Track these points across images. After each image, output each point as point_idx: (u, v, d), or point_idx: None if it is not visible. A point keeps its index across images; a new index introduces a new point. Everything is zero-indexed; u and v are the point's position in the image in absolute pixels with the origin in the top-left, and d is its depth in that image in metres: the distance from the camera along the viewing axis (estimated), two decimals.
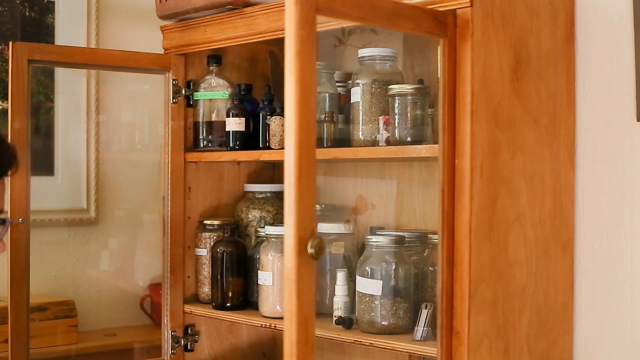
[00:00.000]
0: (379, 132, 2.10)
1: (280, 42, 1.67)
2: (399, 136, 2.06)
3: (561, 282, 2.07)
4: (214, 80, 2.54)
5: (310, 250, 1.49)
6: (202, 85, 2.54)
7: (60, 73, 2.87)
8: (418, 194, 2.35)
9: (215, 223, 2.52)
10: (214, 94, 2.53)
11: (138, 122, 3.08)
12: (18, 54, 2.28)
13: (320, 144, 2.19)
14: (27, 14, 2.80)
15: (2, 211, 1.85)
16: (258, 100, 2.51)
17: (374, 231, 2.27)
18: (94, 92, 2.92)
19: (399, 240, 2.09)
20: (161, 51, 2.56)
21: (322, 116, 2.23)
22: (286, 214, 1.49)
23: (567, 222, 2.08)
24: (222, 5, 2.35)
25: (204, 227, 2.54)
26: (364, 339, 2.05)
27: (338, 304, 2.16)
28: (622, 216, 2.02)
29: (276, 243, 2.30)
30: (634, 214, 2.00)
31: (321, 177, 2.56)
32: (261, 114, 2.40)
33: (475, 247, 1.85)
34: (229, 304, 2.42)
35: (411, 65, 2.36)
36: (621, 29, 2.00)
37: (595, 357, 2.07)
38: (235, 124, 2.43)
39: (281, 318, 2.16)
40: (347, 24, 2.22)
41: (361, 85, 2.15)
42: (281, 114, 2.33)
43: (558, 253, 2.06)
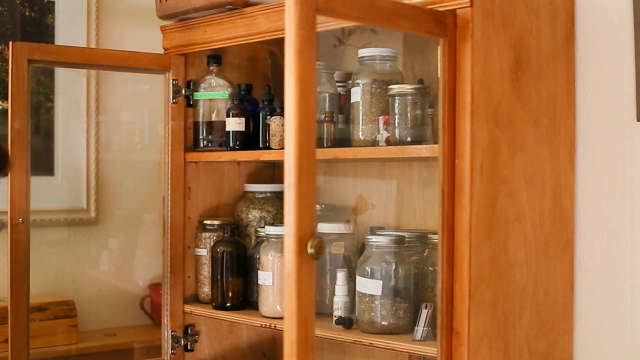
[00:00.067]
0: (379, 132, 2.10)
1: (280, 42, 1.67)
2: (399, 136, 2.06)
3: (561, 282, 2.07)
4: (214, 80, 2.54)
5: (310, 250, 1.49)
6: (202, 85, 2.54)
7: (60, 73, 2.87)
8: (418, 194, 2.35)
9: (215, 223, 2.52)
10: (214, 94, 2.53)
11: (138, 122, 3.07)
12: (18, 54, 2.28)
13: (320, 144, 2.19)
14: (27, 14, 2.80)
15: None
16: (258, 100, 2.51)
17: (374, 231, 2.27)
18: (94, 92, 2.92)
19: (399, 240, 2.09)
20: (161, 51, 2.56)
21: (322, 116, 2.23)
22: (286, 214, 1.49)
23: (567, 222, 2.08)
24: (222, 5, 2.35)
25: (204, 227, 2.54)
26: (364, 339, 2.05)
27: (338, 304, 2.16)
28: (622, 216, 2.02)
29: (276, 243, 2.30)
30: (634, 214, 2.00)
31: (321, 177, 2.56)
32: (261, 114, 2.40)
33: (475, 247, 1.85)
34: (229, 304, 2.42)
35: (411, 65, 2.36)
36: (621, 29, 2.00)
37: (595, 357, 2.07)
38: (235, 124, 2.43)
39: (281, 318, 2.16)
40: (347, 24, 2.22)
41: (361, 85, 2.15)
42: (281, 114, 2.33)
43: (558, 253, 2.06)
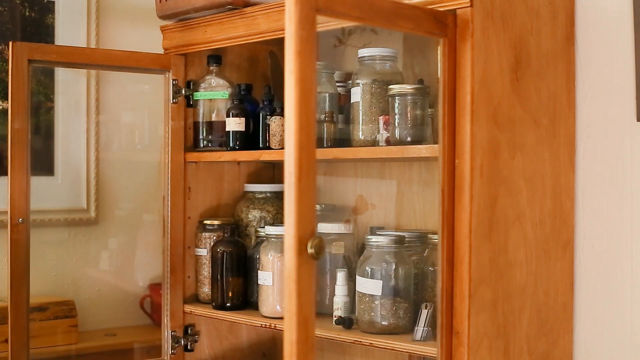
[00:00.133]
0: (379, 132, 2.10)
1: (280, 42, 1.67)
2: (399, 136, 2.06)
3: (561, 282, 2.07)
4: (214, 80, 2.54)
5: (310, 250, 1.49)
6: (202, 85, 2.54)
7: (60, 73, 2.87)
8: (418, 194, 2.35)
9: (215, 223, 2.52)
10: (214, 94, 2.53)
11: (138, 122, 3.07)
12: (18, 54, 2.28)
13: (320, 144, 2.19)
14: (27, 14, 2.80)
15: None
16: (258, 100, 2.51)
17: (374, 231, 2.27)
18: (94, 92, 2.92)
19: (399, 240, 2.09)
20: (161, 51, 2.56)
21: (322, 116, 2.23)
22: (286, 214, 1.49)
23: (567, 222, 2.08)
24: (222, 5, 2.35)
25: (204, 227, 2.54)
26: (364, 339, 2.05)
27: (338, 304, 2.16)
28: (622, 216, 2.02)
29: (276, 243, 2.30)
30: (634, 214, 2.00)
31: (321, 177, 2.56)
32: (261, 114, 2.40)
33: (475, 247, 1.85)
34: (229, 304, 2.42)
35: (411, 65, 2.36)
36: (621, 29, 2.00)
37: (595, 357, 2.07)
38: (235, 124, 2.43)
39: (281, 318, 2.16)
40: (347, 24, 2.22)
41: (361, 85, 2.15)
42: (281, 114, 2.32)
43: (558, 253, 2.06)
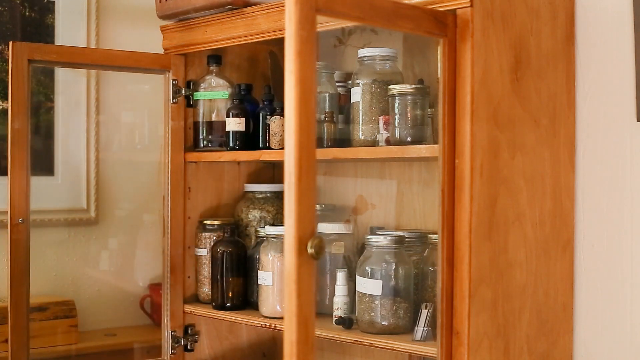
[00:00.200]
0: (379, 132, 2.10)
1: (280, 42, 1.67)
2: (399, 136, 2.06)
3: (561, 282, 2.07)
4: (214, 80, 2.54)
5: (310, 250, 1.48)
6: (202, 85, 2.54)
7: (60, 73, 2.87)
8: (418, 194, 2.35)
9: (215, 223, 2.52)
10: (214, 94, 2.53)
11: (138, 122, 3.07)
12: (18, 54, 2.28)
13: (320, 144, 2.19)
14: (27, 14, 2.80)
15: None
16: (258, 100, 2.51)
17: (374, 231, 2.27)
18: (94, 92, 2.92)
19: (399, 240, 2.09)
20: (161, 51, 2.56)
21: (322, 116, 2.23)
22: (286, 214, 1.49)
23: (567, 222, 2.08)
24: (222, 5, 2.35)
25: (204, 227, 2.54)
26: (364, 339, 2.05)
27: (338, 304, 2.16)
28: (622, 216, 2.02)
29: (276, 243, 2.30)
30: (634, 214, 2.00)
31: (321, 177, 2.56)
32: (261, 114, 2.40)
33: (475, 247, 1.85)
34: (229, 304, 2.42)
35: (411, 65, 2.36)
36: (621, 29, 2.00)
37: (595, 357, 2.07)
38: (235, 124, 2.43)
39: (281, 318, 2.16)
40: (347, 24, 2.22)
41: (361, 85, 2.15)
42: (281, 114, 2.32)
43: (558, 253, 2.06)
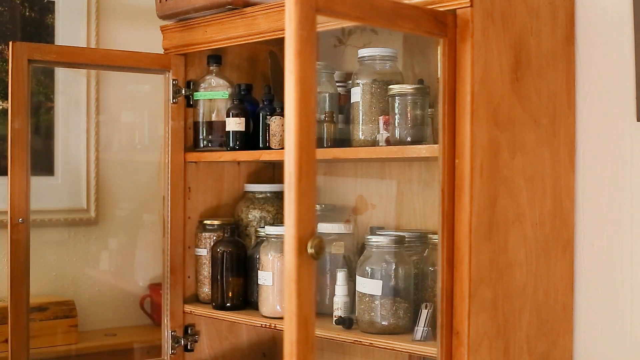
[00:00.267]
0: (379, 132, 2.10)
1: (280, 42, 1.67)
2: (399, 136, 2.06)
3: (561, 282, 2.07)
4: (214, 80, 2.54)
5: (310, 250, 1.48)
6: (202, 85, 2.54)
7: (60, 73, 2.87)
8: (418, 194, 2.35)
9: (215, 223, 2.52)
10: (214, 94, 2.53)
11: (138, 122, 3.07)
12: (18, 54, 2.28)
13: (320, 144, 2.19)
14: (27, 14, 2.80)
15: None
16: (258, 100, 2.51)
17: (374, 231, 2.27)
18: (94, 92, 2.92)
19: (399, 240, 2.09)
20: (161, 51, 2.56)
21: (322, 116, 2.23)
22: (286, 214, 1.49)
23: (567, 222, 2.08)
24: (222, 5, 2.35)
25: (204, 227, 2.54)
26: (364, 339, 2.05)
27: (338, 304, 2.15)
28: (622, 216, 2.02)
29: (276, 243, 2.30)
30: (634, 214, 2.00)
31: (321, 177, 2.56)
32: (261, 114, 2.40)
33: (475, 247, 1.85)
34: (229, 304, 2.42)
35: (411, 65, 2.36)
36: (621, 29, 2.00)
37: (595, 357, 2.07)
38: (235, 124, 2.43)
39: (281, 318, 2.16)
40: (347, 24, 2.22)
41: (361, 85, 2.15)
42: (281, 114, 2.32)
43: (558, 253, 2.06)
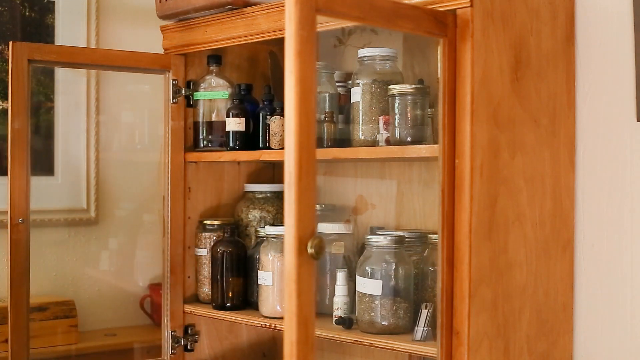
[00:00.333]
0: (379, 132, 2.10)
1: (280, 42, 1.67)
2: (399, 136, 2.06)
3: (561, 282, 2.07)
4: (214, 80, 2.54)
5: (310, 250, 1.48)
6: (202, 85, 2.54)
7: (60, 73, 2.87)
8: (418, 194, 2.35)
9: (215, 223, 2.52)
10: (214, 94, 2.53)
11: (138, 122, 3.07)
12: (18, 54, 2.28)
13: (320, 144, 2.19)
14: (27, 14, 2.80)
15: None
16: (258, 100, 2.51)
17: (374, 231, 2.27)
18: (94, 92, 2.92)
19: (399, 240, 2.09)
20: (161, 51, 2.56)
21: (322, 116, 2.23)
22: (286, 214, 1.49)
23: (567, 222, 2.08)
24: (222, 5, 2.35)
25: (204, 227, 2.54)
26: (364, 339, 2.05)
27: (338, 304, 2.16)
28: (622, 216, 2.02)
29: (276, 243, 2.30)
30: (634, 214, 2.00)
31: (321, 177, 2.56)
32: (261, 114, 2.40)
33: (475, 247, 1.85)
34: (229, 304, 2.42)
35: (411, 65, 2.36)
36: (621, 29, 2.00)
37: (595, 357, 2.07)
38: (235, 124, 2.43)
39: (281, 318, 2.16)
40: (347, 24, 2.22)
41: (361, 85, 2.15)
42: (281, 114, 2.32)
43: (558, 253, 2.06)
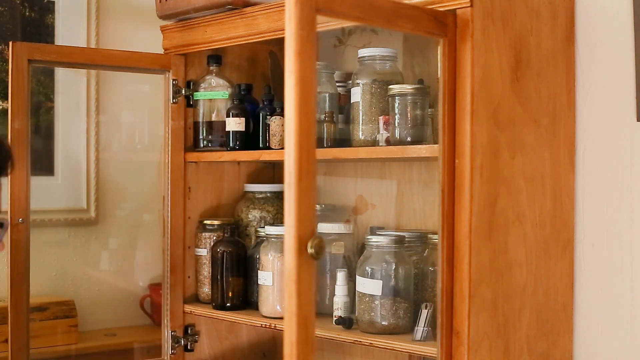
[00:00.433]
0: (379, 132, 2.10)
1: (280, 42, 1.67)
2: (399, 136, 2.06)
3: (561, 282, 2.07)
4: (214, 80, 2.54)
5: (310, 250, 1.48)
6: (202, 85, 2.54)
7: (60, 73, 2.87)
8: (418, 194, 2.35)
9: (215, 223, 2.52)
10: (214, 94, 2.53)
11: (138, 122, 3.07)
12: (18, 54, 2.28)
13: (320, 144, 2.19)
14: (27, 14, 2.80)
15: None
16: (258, 100, 2.51)
17: (374, 231, 2.27)
18: (94, 92, 2.92)
19: (399, 240, 2.09)
20: (161, 51, 2.56)
21: (322, 116, 2.23)
22: (286, 214, 1.49)
23: (567, 222, 2.08)
24: (222, 5, 2.35)
25: (204, 227, 2.54)
26: (364, 339, 2.05)
27: (338, 304, 2.16)
28: (622, 216, 2.02)
29: (276, 243, 2.30)
30: (634, 214, 2.00)
31: (321, 177, 2.56)
32: (261, 114, 2.40)
33: (475, 247, 1.85)
34: (229, 304, 2.42)
35: (411, 65, 2.36)
36: (621, 29, 2.00)
37: (595, 357, 2.06)
38: (235, 124, 2.43)
39: (281, 318, 2.16)
40: (347, 24, 2.22)
41: (361, 85, 2.15)
42: (281, 114, 2.32)
43: (558, 253, 2.06)
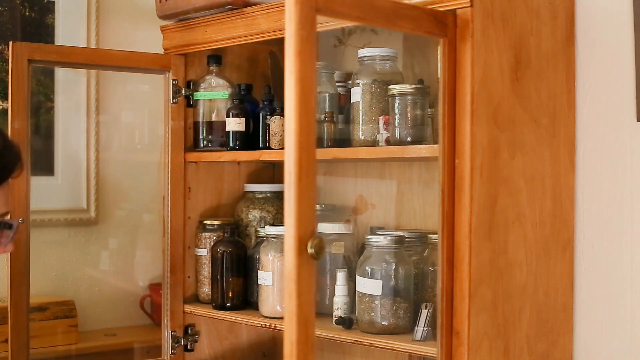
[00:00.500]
0: (379, 132, 2.10)
1: (280, 42, 1.67)
2: (399, 136, 2.06)
3: (561, 282, 2.07)
4: (214, 80, 2.54)
5: (310, 250, 1.48)
6: (202, 85, 2.54)
7: (60, 73, 2.87)
8: (418, 194, 2.35)
9: (215, 223, 2.52)
10: (214, 94, 2.53)
11: (138, 122, 3.07)
12: (18, 54, 2.28)
13: (320, 144, 2.19)
14: (27, 14, 2.80)
15: (8, 213, 1.84)
16: (258, 100, 2.51)
17: (374, 231, 2.27)
18: (94, 92, 2.92)
19: (399, 240, 2.09)
20: (161, 51, 2.56)
21: (322, 116, 2.23)
22: (286, 214, 1.49)
23: (567, 222, 2.08)
24: (222, 5, 2.35)
25: (204, 227, 2.54)
26: (364, 339, 2.05)
27: (338, 304, 2.16)
28: (622, 216, 2.02)
29: (276, 243, 2.30)
30: (634, 214, 2.00)
31: (321, 177, 2.56)
32: (261, 114, 2.40)
33: (475, 247, 1.85)
34: (229, 304, 2.42)
35: (411, 65, 2.36)
36: (621, 29, 2.00)
37: (595, 357, 2.07)
38: (235, 124, 2.43)
39: (281, 318, 2.16)
40: (347, 24, 2.22)
41: (361, 85, 2.15)
42: (281, 114, 2.33)
43: (558, 253, 2.06)
